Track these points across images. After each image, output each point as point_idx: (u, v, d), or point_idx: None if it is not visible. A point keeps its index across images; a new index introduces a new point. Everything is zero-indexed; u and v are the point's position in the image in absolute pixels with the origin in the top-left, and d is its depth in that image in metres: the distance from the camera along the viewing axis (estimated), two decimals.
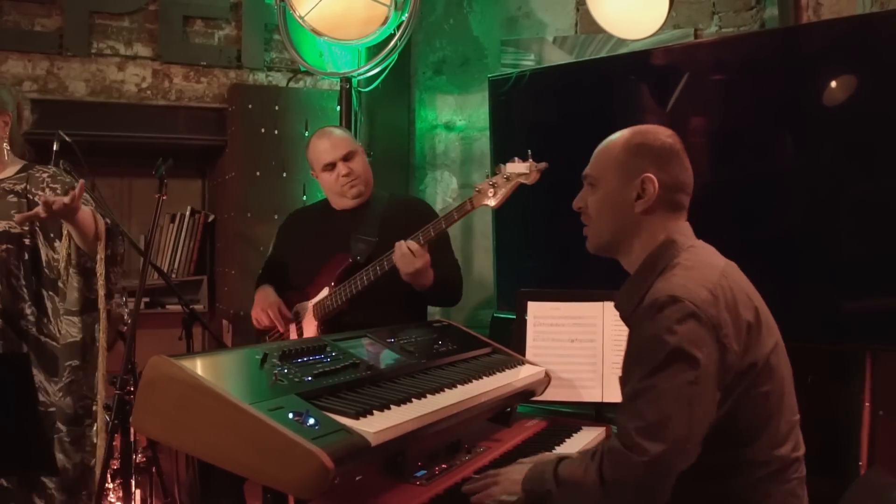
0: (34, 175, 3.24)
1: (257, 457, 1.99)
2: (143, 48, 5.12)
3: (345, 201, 3.80)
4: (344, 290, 3.57)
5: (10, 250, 3.03)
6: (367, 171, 3.82)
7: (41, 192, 3.18)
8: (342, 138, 3.81)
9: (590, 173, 2.38)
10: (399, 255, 3.36)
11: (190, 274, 5.33)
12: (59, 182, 3.25)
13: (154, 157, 3.53)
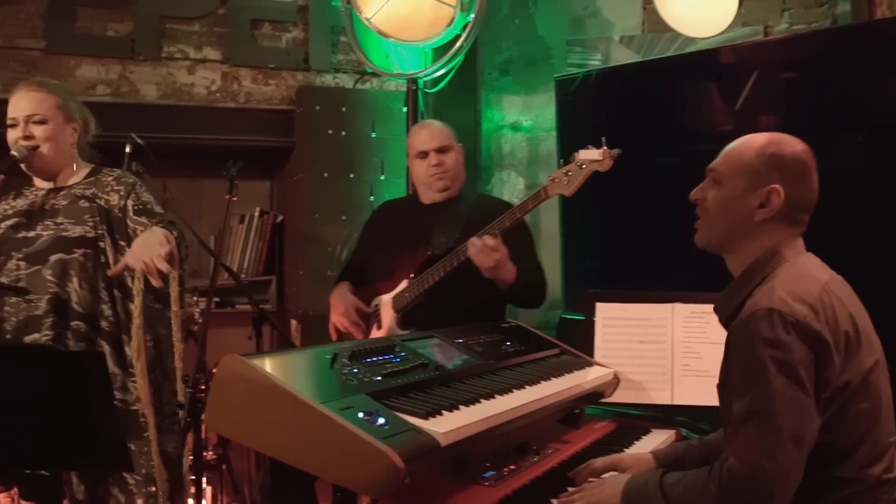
0: (101, 179, 3.27)
1: (328, 455, 2.00)
2: (213, 51, 5.19)
3: (431, 193, 3.81)
4: (420, 283, 3.59)
5: (88, 254, 3.09)
6: (459, 169, 3.83)
7: (106, 196, 3.21)
8: (441, 130, 3.83)
9: (717, 169, 2.34)
10: (475, 250, 3.34)
11: (259, 274, 5.39)
12: (122, 184, 3.27)
13: (223, 159, 3.58)
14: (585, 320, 3.50)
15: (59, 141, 3.19)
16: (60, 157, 3.21)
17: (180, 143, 5.00)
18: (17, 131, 3.11)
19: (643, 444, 2.99)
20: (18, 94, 3.17)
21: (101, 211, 3.16)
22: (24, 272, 3.05)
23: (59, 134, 3.18)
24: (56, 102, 3.20)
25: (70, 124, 3.24)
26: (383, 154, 5.08)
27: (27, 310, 2.99)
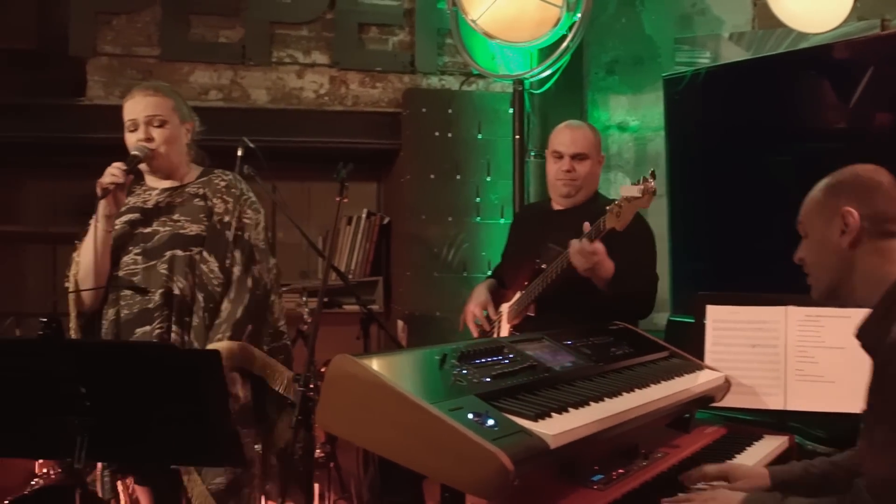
0: (213, 180, 3.31)
1: (437, 456, 2.01)
2: (321, 56, 5.28)
3: (555, 196, 3.79)
4: (530, 293, 3.58)
5: (201, 253, 3.14)
6: (590, 179, 3.76)
7: (216, 200, 3.25)
8: (583, 137, 3.74)
9: (801, 222, 2.35)
10: (573, 251, 3.32)
11: (366, 275, 5.45)
12: (231, 195, 3.29)
13: (331, 162, 3.63)
14: (695, 323, 3.44)
15: (177, 142, 3.25)
16: (177, 157, 3.26)
17: (290, 146, 5.09)
18: (139, 133, 3.17)
19: (755, 450, 2.93)
20: (135, 97, 3.23)
21: (209, 212, 3.21)
22: (140, 266, 3.10)
23: (176, 135, 3.24)
24: (171, 105, 3.26)
25: (184, 125, 3.30)
26: (489, 155, 5.09)
27: (141, 303, 3.05)
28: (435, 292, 4.95)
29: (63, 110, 5.09)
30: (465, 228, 5.04)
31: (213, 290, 3.11)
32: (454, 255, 4.97)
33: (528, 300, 3.58)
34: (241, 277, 3.15)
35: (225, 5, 5.19)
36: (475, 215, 5.06)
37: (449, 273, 5.00)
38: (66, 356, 2.26)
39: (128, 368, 2.29)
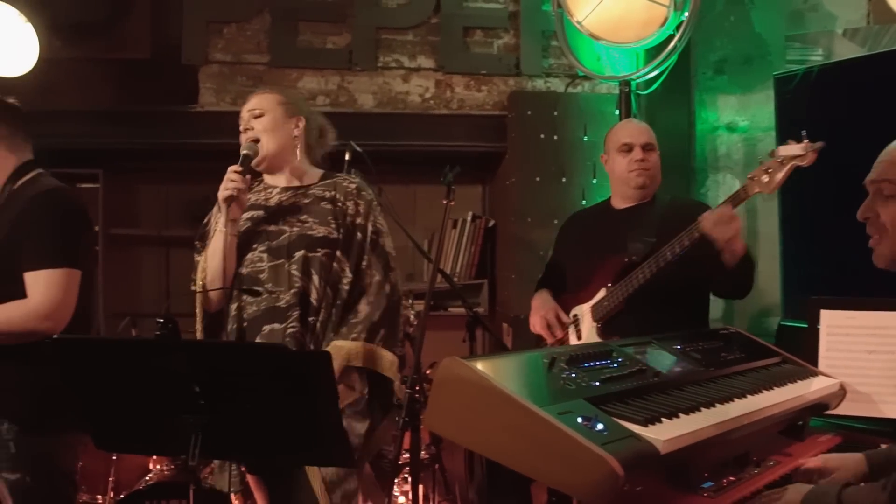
0: (341, 184, 3.26)
1: (545, 459, 2.00)
2: (426, 60, 5.31)
3: (628, 191, 3.73)
4: (620, 289, 3.53)
5: (329, 254, 3.13)
6: (657, 171, 3.74)
7: (348, 203, 3.21)
8: (647, 129, 3.76)
9: (890, 180, 2.20)
10: (711, 223, 3.24)
11: (471, 277, 5.47)
12: (363, 198, 3.26)
13: (436, 165, 3.64)
14: (809, 328, 3.36)
15: (279, 133, 3.20)
16: (282, 151, 3.22)
17: (395, 150, 5.14)
18: (243, 127, 3.20)
19: None
20: (247, 99, 3.27)
21: (341, 215, 3.17)
22: (267, 264, 3.11)
23: (278, 126, 3.20)
24: (276, 99, 3.22)
25: (292, 119, 3.24)
26: (595, 158, 5.03)
27: (269, 301, 3.06)
28: None
29: (176, 117, 5.24)
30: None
31: (343, 290, 3.12)
32: None
33: (619, 297, 3.53)
34: (381, 283, 3.17)
35: (332, 12, 5.28)
36: None
37: None
38: (180, 356, 2.32)
39: (239, 368, 2.34)
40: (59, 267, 3.00)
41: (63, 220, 3.09)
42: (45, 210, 3.06)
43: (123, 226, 5.74)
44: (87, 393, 2.52)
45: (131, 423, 2.53)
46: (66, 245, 3.06)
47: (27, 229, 3.01)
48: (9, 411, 2.98)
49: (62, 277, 3.00)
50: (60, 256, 3.02)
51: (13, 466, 2.98)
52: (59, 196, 3.15)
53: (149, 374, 2.38)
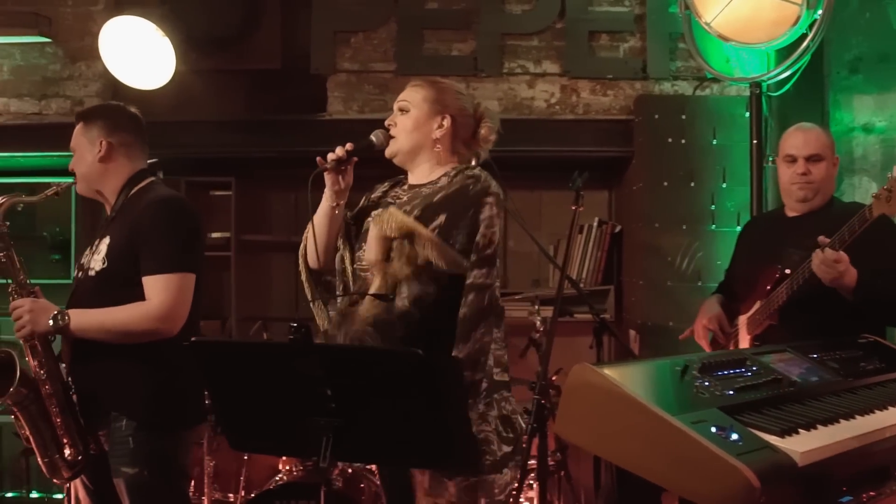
0: (442, 178, 3.01)
1: (678, 469, 1.98)
2: (551, 65, 5.29)
3: (790, 202, 3.65)
4: (770, 304, 3.46)
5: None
6: (827, 182, 3.62)
7: (465, 201, 2.94)
8: (817, 138, 3.62)
9: None
10: (816, 263, 3.20)
11: (597, 283, 5.43)
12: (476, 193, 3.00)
13: (561, 170, 3.63)
14: None
15: (417, 133, 3.01)
16: (416, 149, 3.03)
17: (521, 156, 5.13)
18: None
19: None
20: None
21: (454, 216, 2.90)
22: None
23: (419, 125, 3.01)
24: (424, 95, 3.03)
25: (436, 118, 3.01)
26: (725, 161, 4.95)
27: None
28: (668, 302, 4.86)
29: (305, 125, 5.35)
30: (700, 236, 4.91)
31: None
32: (688, 264, 4.86)
33: (771, 309, 3.45)
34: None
35: (457, 19, 5.31)
36: (710, 223, 4.93)
37: (682, 282, 4.90)
38: (313, 359, 2.36)
39: (370, 372, 2.37)
40: (176, 272, 3.11)
41: (178, 227, 3.19)
42: (162, 217, 3.16)
43: (254, 232, 5.89)
44: (222, 394, 2.59)
45: (264, 425, 2.60)
46: (182, 251, 3.16)
47: (144, 236, 3.12)
48: (127, 409, 3.10)
49: (178, 281, 3.11)
50: (176, 262, 3.12)
51: (132, 462, 3.09)
52: (174, 204, 3.25)
53: (282, 377, 2.44)
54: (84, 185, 3.32)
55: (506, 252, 5.80)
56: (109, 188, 3.29)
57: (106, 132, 3.27)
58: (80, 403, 3.15)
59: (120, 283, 3.12)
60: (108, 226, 3.25)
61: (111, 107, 3.49)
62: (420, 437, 2.42)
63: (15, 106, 5.57)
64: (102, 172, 3.27)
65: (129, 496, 3.10)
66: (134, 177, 3.30)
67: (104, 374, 3.12)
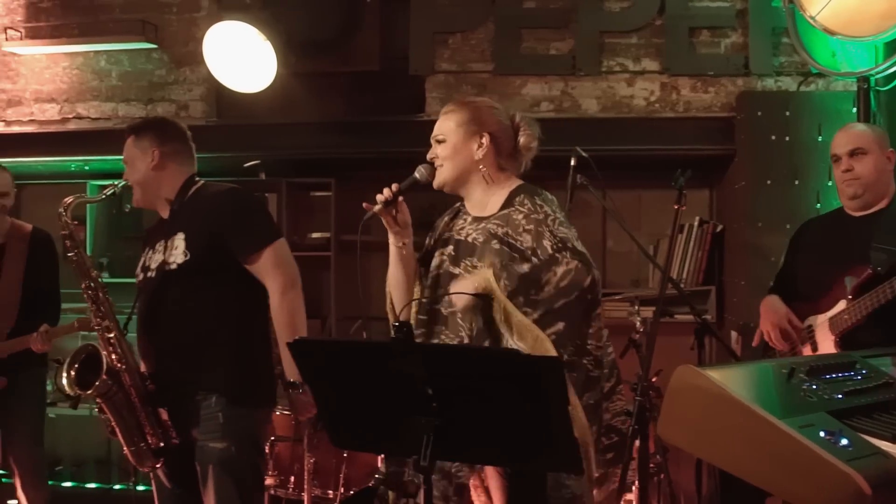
0: (512, 216, 2.96)
1: (784, 474, 1.94)
2: (651, 62, 5.24)
3: (844, 201, 3.62)
4: (863, 304, 3.36)
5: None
6: (875, 175, 3.54)
7: (519, 237, 2.91)
8: (858, 134, 3.60)
9: None
10: None
11: (698, 284, 5.35)
12: (533, 221, 2.92)
13: (661, 169, 3.58)
14: None
15: (458, 158, 3.00)
16: (462, 175, 3.03)
17: (620, 155, 5.09)
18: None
19: None
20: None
21: (517, 250, 2.89)
22: (448, 310, 3.00)
23: (458, 152, 3.00)
24: (457, 120, 3.01)
25: (474, 139, 2.99)
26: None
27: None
28: None
29: (404, 126, 5.39)
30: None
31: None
32: None
33: (862, 313, 3.35)
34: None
35: (555, 18, 5.29)
36: None
37: None
38: (415, 358, 2.38)
39: (471, 372, 2.37)
40: (274, 240, 3.31)
41: (255, 207, 3.44)
42: (238, 202, 3.39)
43: (354, 232, 5.91)
44: (325, 392, 2.63)
45: (366, 423, 2.63)
46: (266, 223, 3.40)
47: (228, 223, 3.31)
48: (218, 385, 3.24)
49: (281, 247, 3.33)
50: (270, 232, 3.34)
51: (220, 436, 3.22)
52: (240, 191, 3.48)
53: (384, 376, 2.46)
54: (140, 193, 3.47)
55: (605, 252, 5.76)
56: (164, 194, 3.44)
57: (157, 142, 3.43)
58: (167, 391, 3.29)
59: (200, 272, 3.26)
60: (172, 225, 3.38)
61: (159, 119, 3.71)
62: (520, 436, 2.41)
63: (123, 110, 5.75)
64: (157, 180, 3.43)
65: (215, 471, 3.21)
66: (188, 180, 3.46)
67: (190, 358, 3.26)
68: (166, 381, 3.29)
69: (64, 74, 5.81)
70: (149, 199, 3.47)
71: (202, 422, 3.24)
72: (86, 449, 6.22)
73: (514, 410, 2.36)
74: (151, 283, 3.35)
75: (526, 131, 3.08)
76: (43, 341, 4.36)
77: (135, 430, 3.25)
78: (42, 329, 4.37)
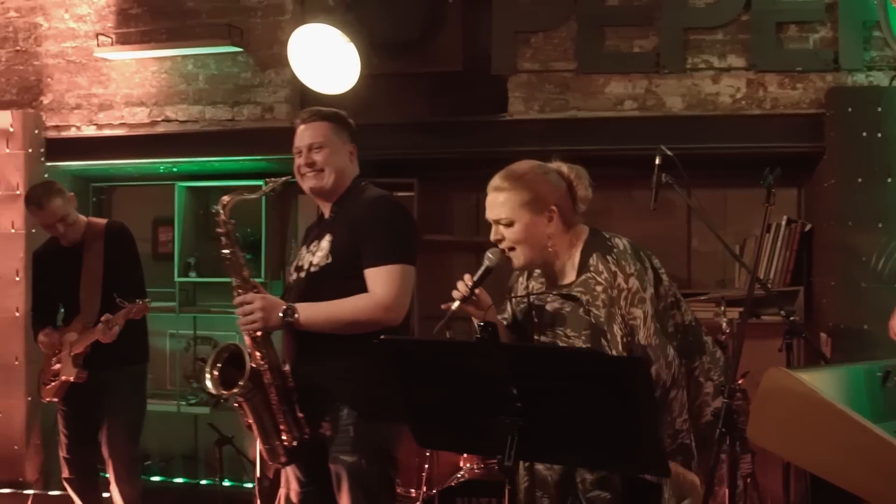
0: (589, 283, 2.86)
1: (878, 479, 1.90)
2: (737, 59, 5.15)
3: None
4: None
5: None
6: None
7: (597, 311, 2.81)
8: None
9: None
10: None
11: (785, 284, 5.25)
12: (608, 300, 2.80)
13: (747, 168, 3.52)
14: None
15: (532, 240, 2.91)
16: (541, 255, 2.93)
17: (706, 153, 5.02)
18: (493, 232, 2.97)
19: None
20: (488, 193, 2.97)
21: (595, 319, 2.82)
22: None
23: (529, 234, 2.91)
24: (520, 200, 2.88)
25: (543, 215, 2.90)
26: None
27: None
28: (862, 304, 4.65)
29: (486, 126, 5.40)
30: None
31: None
32: (884, 265, 4.62)
33: None
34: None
35: (639, 15, 5.23)
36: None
37: (878, 284, 4.66)
38: (500, 359, 2.38)
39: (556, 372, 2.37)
40: (398, 263, 3.26)
41: (396, 222, 3.36)
42: (381, 214, 3.35)
43: (437, 232, 5.97)
44: (409, 391, 2.65)
45: (450, 422, 2.64)
46: (402, 244, 3.32)
47: (366, 232, 3.29)
48: (349, 399, 3.25)
49: (399, 272, 3.26)
50: (398, 254, 3.28)
51: (352, 450, 3.24)
52: (390, 201, 3.45)
53: (468, 376, 2.47)
54: (331, 179, 3.41)
55: (690, 252, 5.69)
56: (339, 189, 3.45)
57: (350, 138, 3.50)
58: (302, 393, 3.31)
59: (342, 276, 3.27)
60: (328, 226, 3.42)
61: (345, 115, 3.60)
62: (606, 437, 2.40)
63: (210, 113, 5.86)
64: (346, 174, 3.45)
65: (348, 483, 3.24)
66: (356, 180, 3.49)
67: (328, 366, 3.27)
68: (306, 383, 3.32)
69: (153, 78, 5.94)
70: (336, 186, 3.42)
71: (334, 432, 3.28)
72: (174, 444, 6.36)
73: (600, 411, 2.35)
74: (300, 283, 3.39)
75: (581, 183, 2.99)
76: (105, 331, 4.45)
77: (271, 429, 3.29)
78: (103, 319, 4.46)
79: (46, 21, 6.14)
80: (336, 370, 3.26)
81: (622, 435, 2.37)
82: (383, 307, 3.22)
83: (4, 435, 5.89)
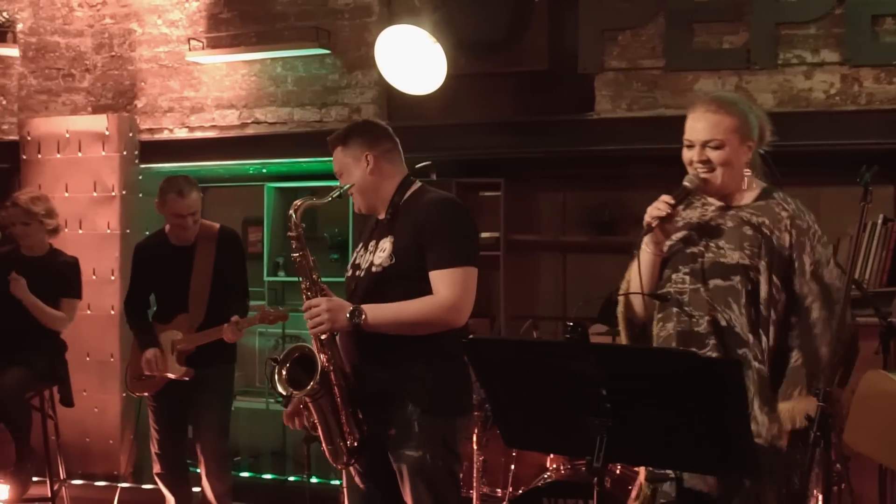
0: (773, 209, 2.99)
1: None
2: (830, 54, 5.03)
3: None
4: None
5: (743, 281, 2.91)
6: None
7: (778, 233, 2.92)
8: None
9: None
10: None
11: (881, 285, 5.10)
12: (796, 227, 2.93)
13: (842, 165, 3.44)
14: None
15: (734, 165, 2.99)
16: (733, 180, 3.02)
17: (798, 151, 4.90)
18: (694, 154, 3.00)
19: None
20: (696, 113, 3.02)
21: (767, 243, 2.94)
22: (688, 286, 2.99)
23: (733, 158, 2.98)
24: (732, 125, 2.98)
25: (745, 143, 3.02)
26: None
27: (688, 324, 2.96)
28: None
29: (573, 125, 5.38)
30: None
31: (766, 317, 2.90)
32: None
33: None
34: (826, 317, 2.86)
35: (728, 11, 5.14)
36: None
37: None
38: (590, 359, 2.37)
39: (648, 372, 2.34)
40: (462, 266, 3.26)
41: (461, 225, 3.36)
42: (445, 216, 3.34)
43: (523, 231, 5.96)
44: (497, 391, 2.65)
45: (538, 422, 2.63)
46: (466, 246, 3.32)
47: (431, 234, 3.28)
48: (414, 395, 3.26)
49: (464, 275, 3.26)
50: (462, 256, 3.27)
51: (416, 445, 3.25)
52: (454, 203, 3.44)
53: (557, 376, 2.46)
54: (361, 199, 3.47)
55: None
56: (383, 195, 3.44)
57: (367, 146, 3.43)
58: (367, 393, 3.33)
59: (405, 277, 3.29)
60: (386, 227, 3.42)
61: (362, 123, 3.65)
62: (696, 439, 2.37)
63: (298, 114, 5.95)
64: (375, 184, 3.43)
65: (411, 478, 3.26)
66: (404, 181, 3.47)
67: (391, 365, 3.29)
68: (366, 384, 3.35)
69: (243, 81, 6.05)
70: (370, 204, 3.49)
71: (398, 428, 3.29)
72: (262, 441, 6.47)
73: (692, 412, 2.32)
74: (360, 282, 3.42)
75: (769, 129, 3.13)
76: (234, 332, 4.58)
77: (335, 430, 3.33)
78: (233, 320, 4.58)
79: (140, 27, 6.30)
80: (399, 368, 3.28)
81: (713, 437, 2.34)
82: (449, 308, 3.24)
83: (100, 429, 6.07)
